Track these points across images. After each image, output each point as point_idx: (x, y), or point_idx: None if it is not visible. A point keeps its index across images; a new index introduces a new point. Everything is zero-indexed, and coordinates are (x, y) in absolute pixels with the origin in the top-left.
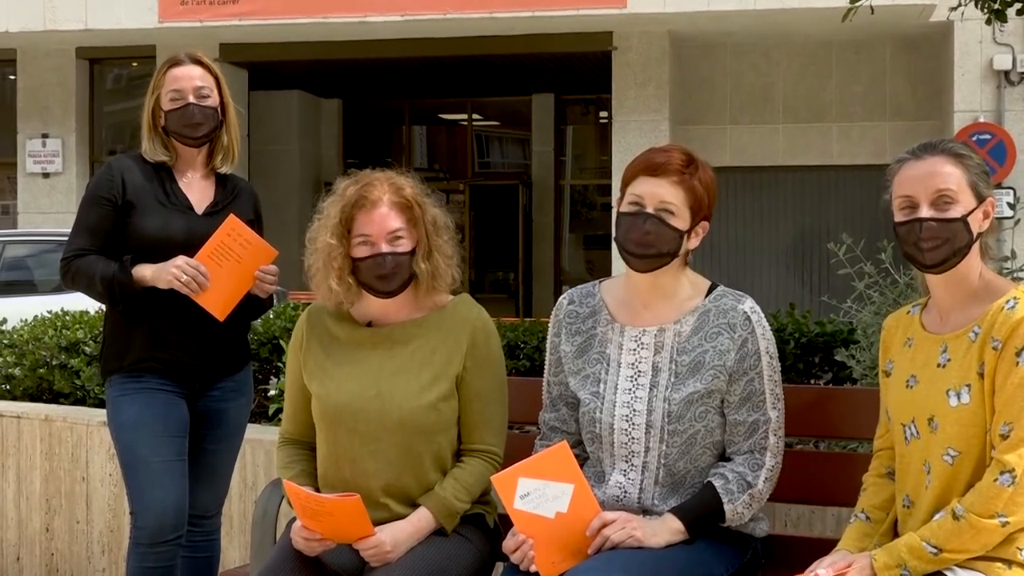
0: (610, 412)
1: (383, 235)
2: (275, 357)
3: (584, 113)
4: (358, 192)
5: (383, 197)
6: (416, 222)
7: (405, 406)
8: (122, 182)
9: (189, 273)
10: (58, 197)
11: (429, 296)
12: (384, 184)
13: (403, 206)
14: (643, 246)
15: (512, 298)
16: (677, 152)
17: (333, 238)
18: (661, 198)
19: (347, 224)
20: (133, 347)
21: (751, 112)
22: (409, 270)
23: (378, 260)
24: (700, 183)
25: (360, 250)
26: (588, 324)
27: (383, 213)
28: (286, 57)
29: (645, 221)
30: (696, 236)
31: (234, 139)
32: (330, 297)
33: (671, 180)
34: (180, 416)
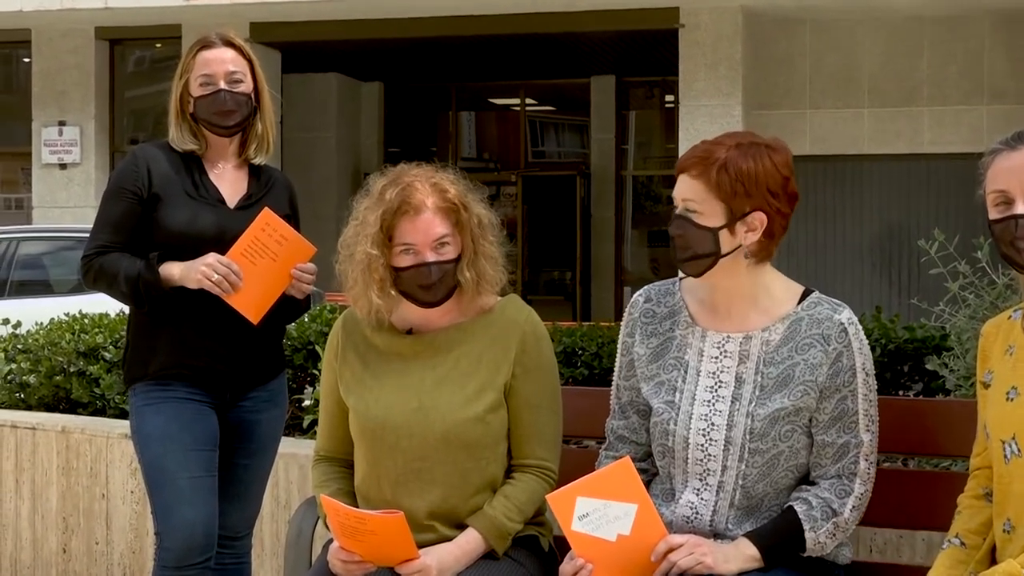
0: (685, 424)
1: (428, 243)
2: (310, 364)
3: (648, 97)
4: (399, 197)
5: (426, 202)
6: (462, 226)
7: (450, 419)
8: (148, 173)
9: (220, 272)
10: (75, 190)
11: (474, 300)
12: (426, 185)
13: (448, 210)
14: (679, 250)
15: (569, 300)
16: (720, 141)
17: (374, 248)
18: (682, 196)
19: (388, 232)
20: (159, 352)
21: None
22: (454, 279)
23: (423, 271)
24: (730, 171)
25: (403, 259)
26: (666, 325)
27: (427, 220)
28: (322, 37)
29: (672, 223)
30: (749, 231)
31: (269, 127)
32: (370, 310)
33: (691, 175)
34: (210, 428)
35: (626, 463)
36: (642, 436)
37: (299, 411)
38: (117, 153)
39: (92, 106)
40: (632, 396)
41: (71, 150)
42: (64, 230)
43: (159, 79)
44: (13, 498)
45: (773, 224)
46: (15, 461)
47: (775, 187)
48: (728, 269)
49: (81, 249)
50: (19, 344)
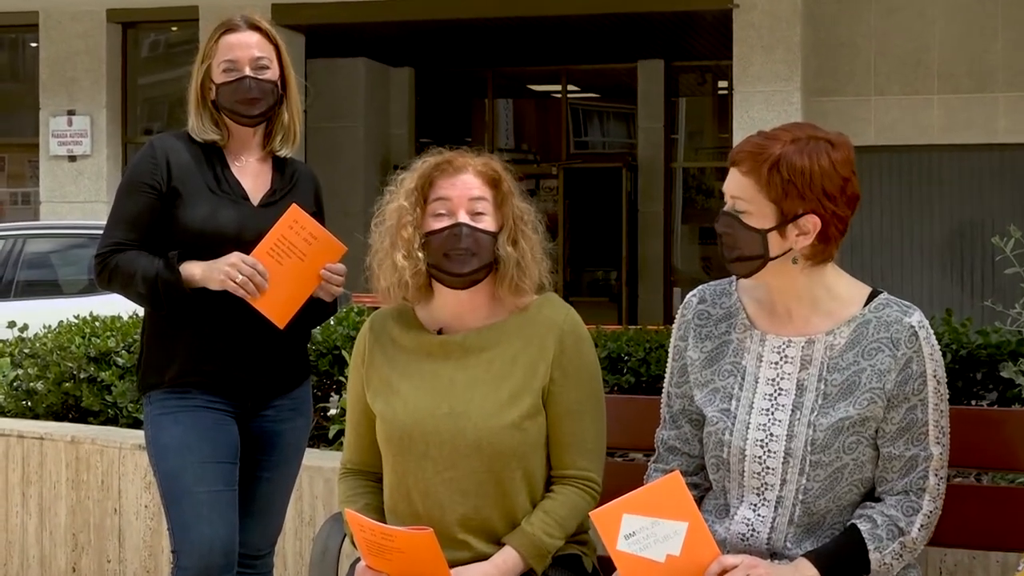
0: (742, 435)
1: (464, 201)
2: (336, 370)
3: (700, 83)
4: (440, 157)
5: (468, 164)
6: (503, 200)
7: (483, 426)
8: (167, 165)
9: (245, 272)
10: (86, 183)
11: (512, 296)
12: (471, 155)
13: (490, 178)
14: (726, 248)
15: (614, 302)
16: (767, 135)
17: (406, 200)
18: (732, 192)
19: (424, 190)
20: (176, 358)
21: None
22: (491, 254)
23: (455, 232)
24: (783, 170)
25: (435, 221)
26: (721, 328)
27: (467, 179)
28: (349, 19)
29: (720, 220)
30: (801, 235)
31: (296, 117)
32: (393, 281)
33: (741, 170)
34: (230, 439)
35: (676, 477)
36: (694, 447)
37: (324, 421)
38: (130, 144)
39: (103, 94)
40: (684, 404)
41: (81, 141)
42: (74, 226)
43: (175, 65)
44: (20, 513)
45: (828, 228)
46: (22, 473)
47: (832, 189)
48: (780, 271)
49: (91, 247)
50: (26, 348)
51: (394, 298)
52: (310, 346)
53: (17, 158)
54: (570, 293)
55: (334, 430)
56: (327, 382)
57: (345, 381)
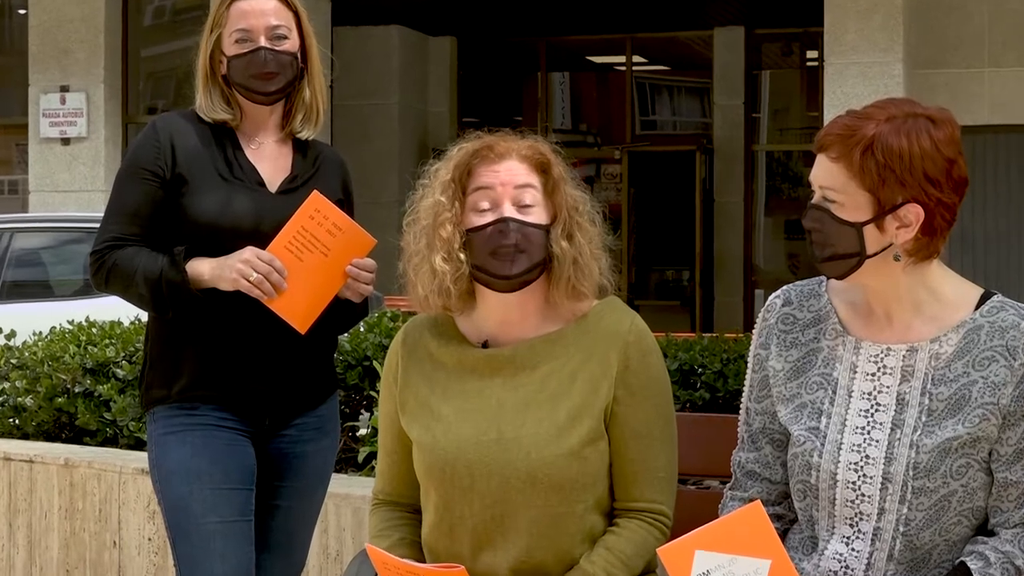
0: (833, 457)
1: (509, 191)
2: (367, 384)
3: (786, 53)
4: (480, 142)
5: (512, 149)
6: (554, 188)
7: (536, 455)
8: (171, 149)
9: (260, 270)
10: (81, 169)
11: (568, 301)
12: (515, 138)
13: (538, 163)
14: (816, 247)
15: (686, 306)
16: (858, 114)
17: (444, 195)
18: (819, 181)
19: (462, 181)
20: (184, 369)
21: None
22: (543, 250)
23: (501, 227)
24: (878, 153)
25: (476, 217)
26: (809, 335)
27: (510, 166)
28: None
29: (807, 214)
30: (902, 227)
31: (318, 94)
32: (431, 286)
33: (831, 156)
34: (245, 462)
35: (757, 507)
36: (777, 472)
37: (353, 442)
38: (131, 125)
39: (101, 67)
40: (766, 422)
41: (76, 121)
42: (67, 219)
43: (182, 34)
44: (6, 546)
45: (933, 218)
46: (8, 500)
47: (935, 173)
48: (879, 270)
49: (89, 243)
50: (13, 358)
51: (433, 306)
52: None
53: (2, 141)
54: (635, 296)
55: (364, 452)
56: (356, 397)
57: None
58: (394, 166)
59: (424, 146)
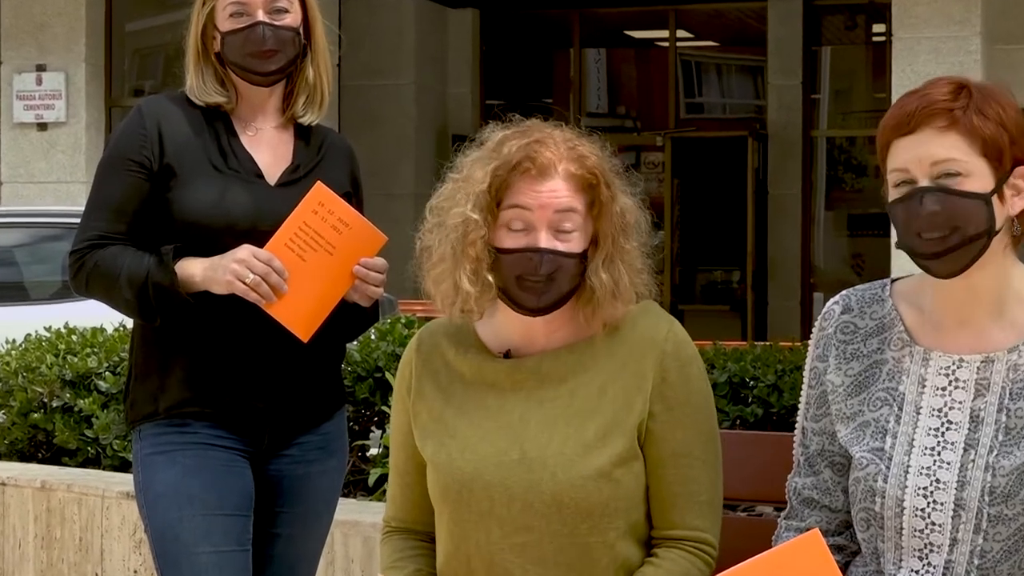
0: (900, 482)
1: (548, 215)
2: (378, 398)
3: (849, 27)
4: (523, 151)
5: (558, 164)
6: (602, 211)
7: (563, 476)
8: (159, 136)
9: (258, 271)
10: (59, 158)
11: (598, 312)
12: (561, 146)
13: (584, 183)
14: (937, 241)
15: (736, 311)
16: (938, 85)
17: (476, 211)
18: (934, 157)
19: (498, 194)
20: (174, 382)
21: None
22: (572, 280)
23: (530, 257)
24: (989, 115)
25: (509, 238)
26: (872, 345)
27: (553, 187)
28: None
29: (922, 200)
30: (1016, 196)
31: (323, 74)
32: (455, 302)
33: (938, 127)
34: (242, 485)
35: (815, 537)
36: (838, 499)
37: (363, 463)
38: (115, 108)
39: (82, 44)
40: (824, 443)
41: (53, 104)
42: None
43: (171, 7)
44: None
45: None
46: None
47: None
48: (989, 259)
49: (68, 240)
50: None
51: (451, 316)
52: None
53: None
54: (680, 299)
55: (375, 475)
56: (366, 413)
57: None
58: (409, 154)
59: (443, 132)
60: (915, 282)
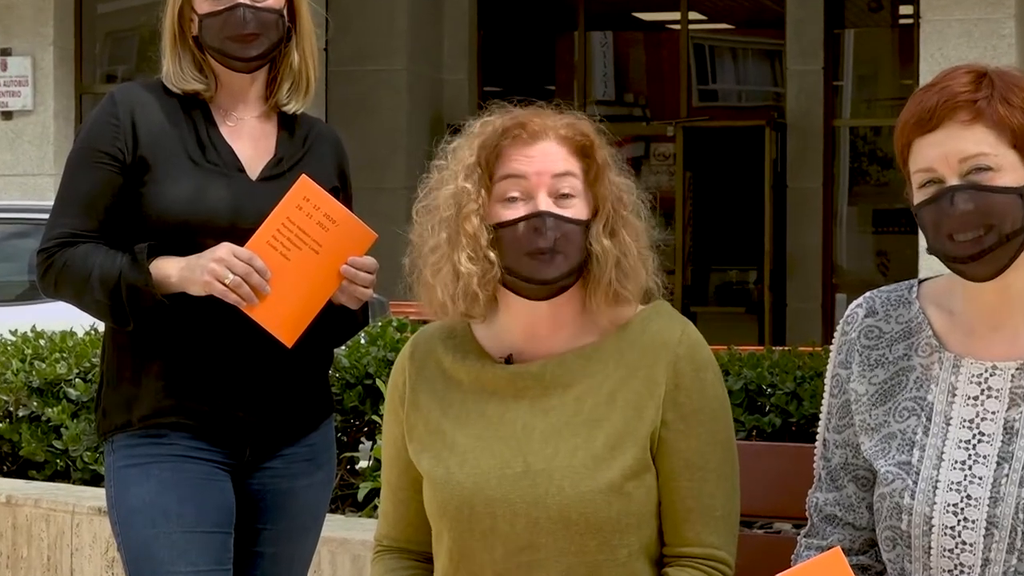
0: (928, 498)
1: (545, 180)
2: (368, 407)
3: (874, 8)
4: (510, 120)
5: (548, 127)
6: (598, 176)
7: (571, 491)
8: (132, 127)
9: (238, 271)
10: (26, 149)
11: (609, 308)
12: (551, 115)
13: (577, 146)
14: (972, 243)
15: (753, 313)
16: (956, 75)
17: (468, 180)
18: (962, 153)
19: (489, 165)
20: (149, 390)
21: None
22: (581, 251)
23: (536, 224)
24: (1015, 103)
25: (506, 208)
26: (898, 351)
27: (547, 149)
28: None
29: (953, 200)
30: None
31: (309, 59)
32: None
33: (962, 121)
34: (222, 500)
35: (836, 555)
36: (861, 516)
37: (352, 476)
38: (86, 95)
39: (50, 26)
40: (847, 456)
41: (19, 91)
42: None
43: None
44: None
45: None
46: None
47: None
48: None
49: (36, 237)
50: None
51: (452, 313)
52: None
53: None
54: (692, 301)
55: (365, 489)
56: (356, 423)
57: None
58: (401, 145)
59: (438, 121)
60: (944, 283)
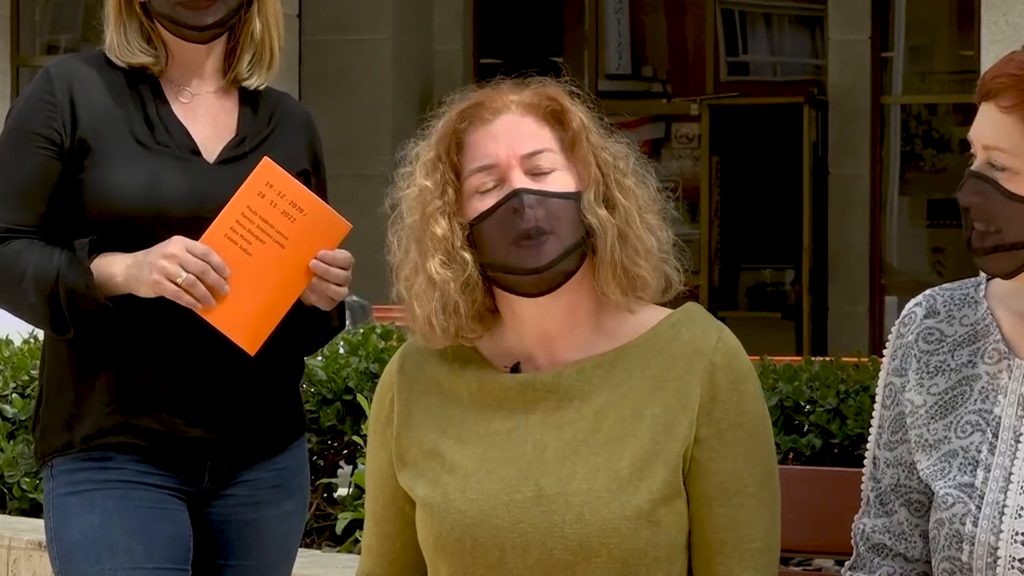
0: (993, 526)
1: (516, 158)
2: (348, 426)
3: None
4: (466, 102)
5: (509, 101)
6: (575, 141)
7: (592, 518)
8: (71, 105)
9: (192, 268)
10: None
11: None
12: (512, 90)
13: (547, 112)
14: (977, 234)
15: (790, 319)
16: None
17: (428, 178)
18: (984, 140)
19: (452, 158)
20: (92, 407)
21: None
22: (577, 228)
23: (514, 205)
24: None
25: (481, 199)
26: (962, 357)
27: (510, 122)
28: None
29: (964, 187)
30: None
31: (273, 27)
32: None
33: (1002, 106)
34: (177, 532)
35: None
36: (915, 546)
37: (329, 505)
38: (24, 68)
39: None
40: (900, 477)
41: None
42: None
43: None
44: None
45: None
46: None
47: None
48: None
49: None
50: None
51: (440, 332)
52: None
53: None
54: (720, 304)
55: (344, 521)
56: (334, 444)
57: (362, 443)
58: (386, 124)
59: (427, 98)
60: (1014, 281)
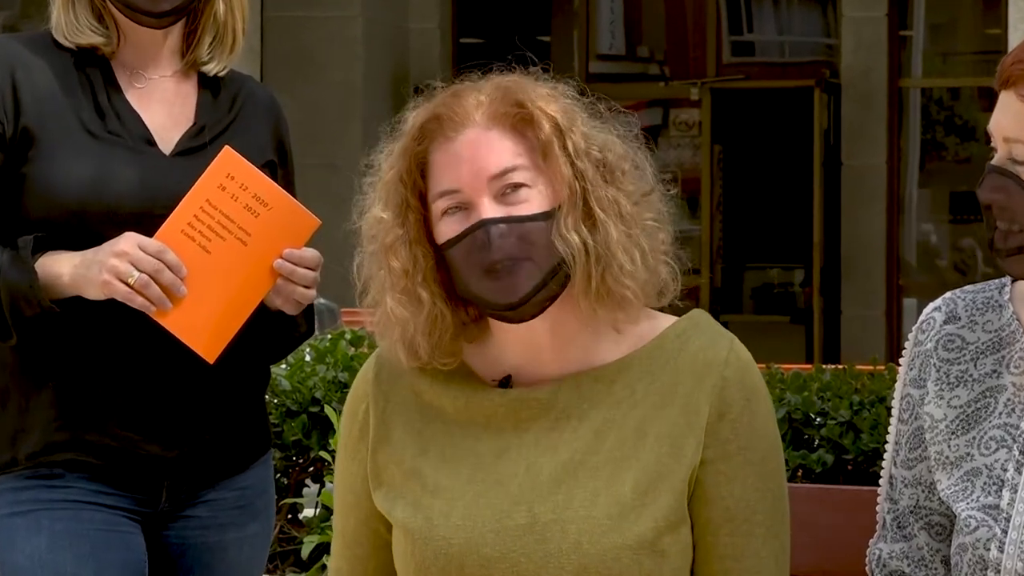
0: (1020, 551)
1: (482, 181)
2: (314, 441)
3: None
4: (426, 112)
5: (470, 112)
6: (547, 150)
7: (590, 547)
8: (13, 90)
9: (145, 267)
10: None
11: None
12: (472, 94)
13: (514, 120)
14: (999, 233)
15: (799, 322)
16: None
17: (386, 209)
18: (1005, 132)
19: (412, 176)
20: (38, 421)
21: None
22: (550, 256)
23: (479, 240)
24: None
25: (447, 223)
26: (986, 366)
27: (473, 139)
28: None
29: (984, 183)
30: None
31: (236, 9)
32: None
33: (1021, 94)
34: (128, 558)
35: None
36: (935, 572)
37: (295, 527)
38: None
39: None
40: (919, 497)
41: None
42: None
43: None
44: None
45: None
46: None
47: None
48: None
49: None
50: None
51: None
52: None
53: None
54: (723, 307)
55: (311, 544)
56: (299, 461)
57: (330, 461)
58: (356, 110)
59: (402, 80)
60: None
